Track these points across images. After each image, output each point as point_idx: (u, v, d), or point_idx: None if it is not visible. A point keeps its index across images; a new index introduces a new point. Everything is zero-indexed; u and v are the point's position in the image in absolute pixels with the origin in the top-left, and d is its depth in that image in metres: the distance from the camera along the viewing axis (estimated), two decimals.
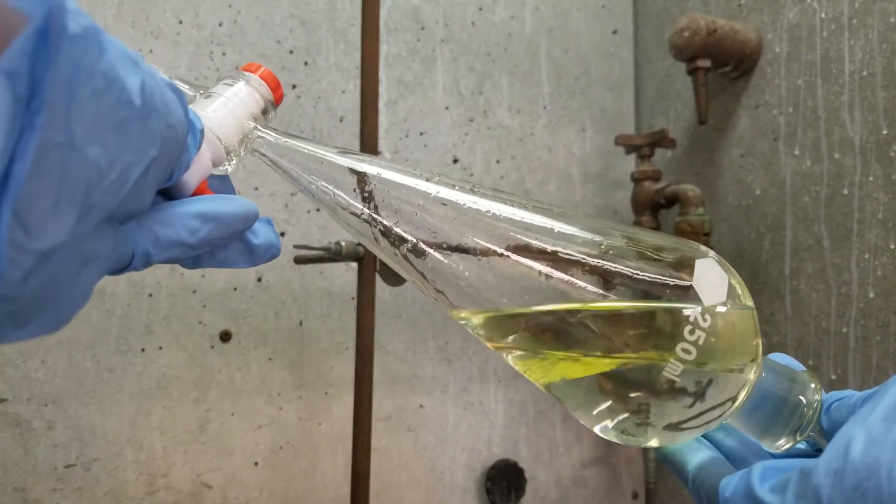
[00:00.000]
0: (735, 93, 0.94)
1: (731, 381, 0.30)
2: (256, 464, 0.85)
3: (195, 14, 0.85)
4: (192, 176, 0.28)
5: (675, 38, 0.89)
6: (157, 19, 0.83)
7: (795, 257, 0.84)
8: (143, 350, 0.80)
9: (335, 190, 0.32)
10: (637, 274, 0.31)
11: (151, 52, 0.82)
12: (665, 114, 1.07)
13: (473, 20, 1.02)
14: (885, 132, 0.74)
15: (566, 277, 0.30)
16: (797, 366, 0.34)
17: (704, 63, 0.88)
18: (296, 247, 0.76)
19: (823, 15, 0.82)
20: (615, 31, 1.13)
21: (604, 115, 1.11)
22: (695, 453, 0.32)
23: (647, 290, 0.30)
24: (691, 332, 0.29)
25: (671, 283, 0.30)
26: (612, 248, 0.31)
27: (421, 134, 0.97)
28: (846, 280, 0.78)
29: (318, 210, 0.89)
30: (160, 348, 0.81)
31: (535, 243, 0.31)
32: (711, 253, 0.32)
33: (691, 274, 0.30)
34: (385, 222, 0.31)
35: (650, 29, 1.12)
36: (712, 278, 0.31)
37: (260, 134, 0.32)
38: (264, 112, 0.32)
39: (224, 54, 0.86)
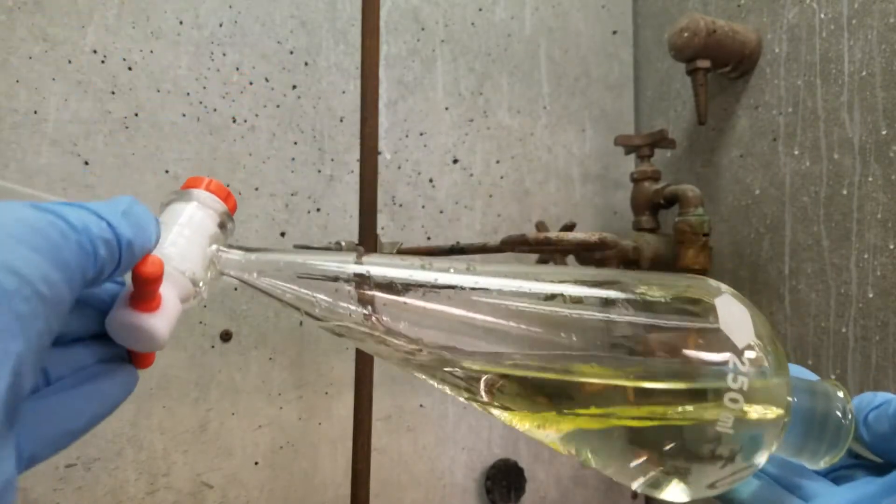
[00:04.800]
0: (734, 93, 0.94)
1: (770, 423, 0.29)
2: (257, 463, 0.85)
3: (195, 15, 0.85)
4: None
5: (675, 39, 0.89)
6: (157, 20, 0.83)
7: (795, 257, 0.84)
8: None
9: (315, 295, 0.30)
10: (665, 324, 0.30)
11: (152, 52, 0.82)
12: (665, 114, 1.07)
13: (473, 21, 1.02)
14: (884, 132, 0.74)
15: (591, 341, 0.29)
16: (812, 377, 0.33)
17: (704, 63, 0.89)
18: (296, 247, 0.76)
19: (823, 15, 0.82)
20: (615, 32, 1.13)
21: (604, 116, 1.11)
22: (744, 484, 0.31)
23: (677, 342, 0.29)
24: (734, 380, 0.28)
25: (701, 329, 0.29)
26: (632, 304, 0.30)
27: (421, 134, 0.97)
28: (845, 280, 0.78)
29: (318, 210, 0.90)
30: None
31: (554, 311, 0.30)
32: (724, 287, 0.31)
33: (713, 315, 0.29)
34: (374, 320, 0.30)
35: (650, 29, 1.12)
36: (736, 316, 0.30)
37: (225, 255, 0.29)
38: (222, 226, 0.29)
39: (224, 55, 0.86)
